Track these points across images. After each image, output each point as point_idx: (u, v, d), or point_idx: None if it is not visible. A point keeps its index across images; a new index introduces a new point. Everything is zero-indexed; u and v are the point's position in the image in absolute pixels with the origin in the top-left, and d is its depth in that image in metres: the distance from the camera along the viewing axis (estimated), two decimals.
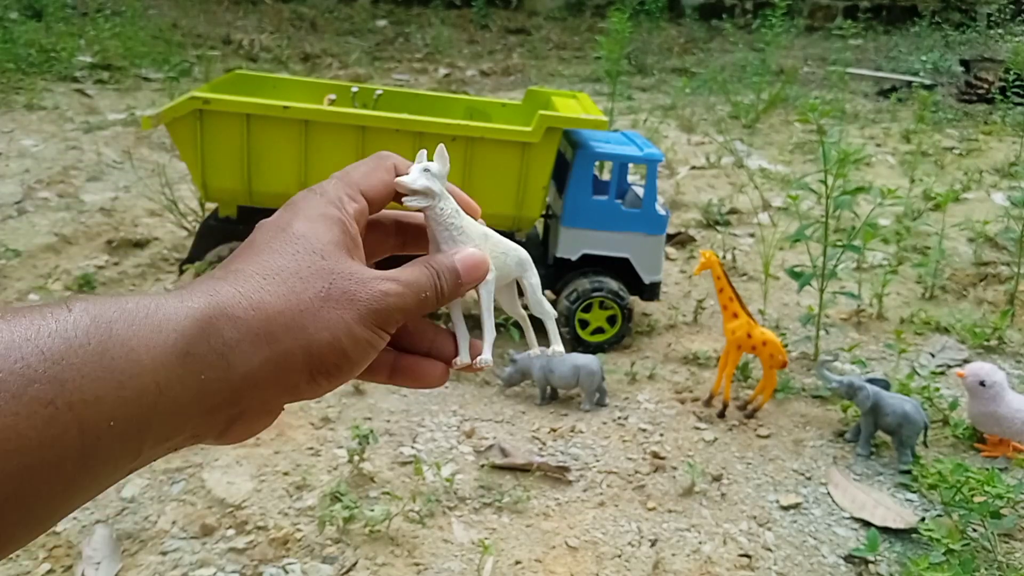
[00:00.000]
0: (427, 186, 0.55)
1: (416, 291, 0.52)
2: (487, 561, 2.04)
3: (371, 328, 0.49)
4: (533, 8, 11.83)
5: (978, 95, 7.87)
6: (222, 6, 10.77)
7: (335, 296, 0.48)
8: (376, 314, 0.49)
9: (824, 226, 3.03)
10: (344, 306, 0.48)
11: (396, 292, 0.50)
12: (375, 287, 0.50)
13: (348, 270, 0.50)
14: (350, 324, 0.48)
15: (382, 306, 0.50)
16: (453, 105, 3.63)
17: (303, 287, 0.48)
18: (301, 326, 0.47)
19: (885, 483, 2.49)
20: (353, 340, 0.49)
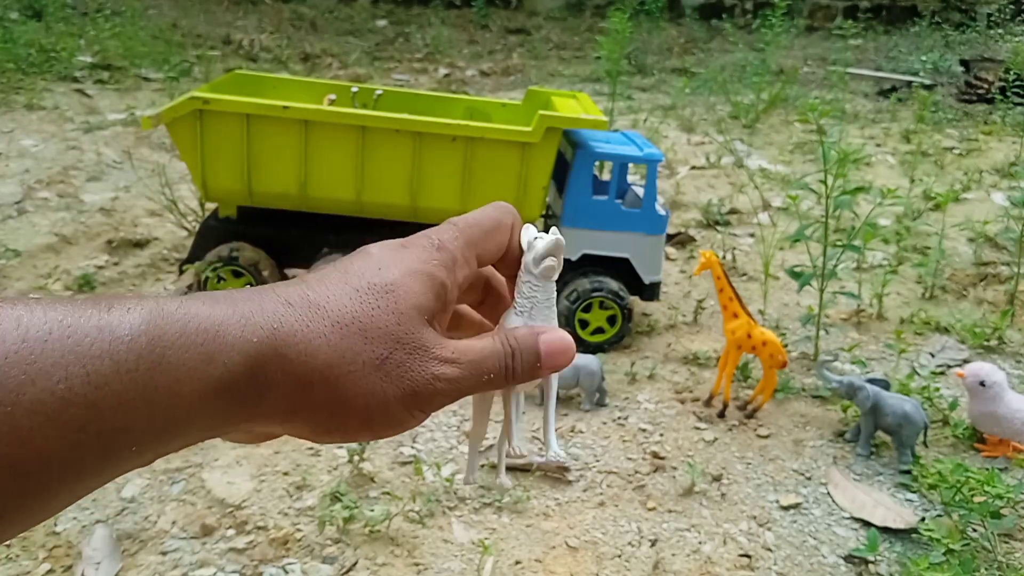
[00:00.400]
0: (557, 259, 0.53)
1: (478, 372, 0.49)
2: (487, 561, 2.04)
3: (409, 409, 0.47)
4: (533, 8, 11.83)
5: (978, 95, 7.87)
6: (222, 6, 10.77)
7: (388, 367, 0.46)
8: (419, 397, 0.47)
9: (824, 226, 3.03)
10: (392, 379, 0.46)
11: (450, 378, 0.48)
12: (429, 370, 0.47)
13: (416, 341, 0.47)
14: (389, 400, 0.46)
15: (428, 391, 0.47)
16: (453, 105, 3.63)
17: (362, 348, 0.46)
18: (342, 387, 0.45)
19: (885, 483, 2.49)
20: (385, 416, 0.47)
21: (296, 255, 3.15)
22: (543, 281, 0.53)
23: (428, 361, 0.47)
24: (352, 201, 3.01)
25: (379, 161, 2.96)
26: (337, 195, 2.99)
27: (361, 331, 0.46)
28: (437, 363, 0.47)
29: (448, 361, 0.48)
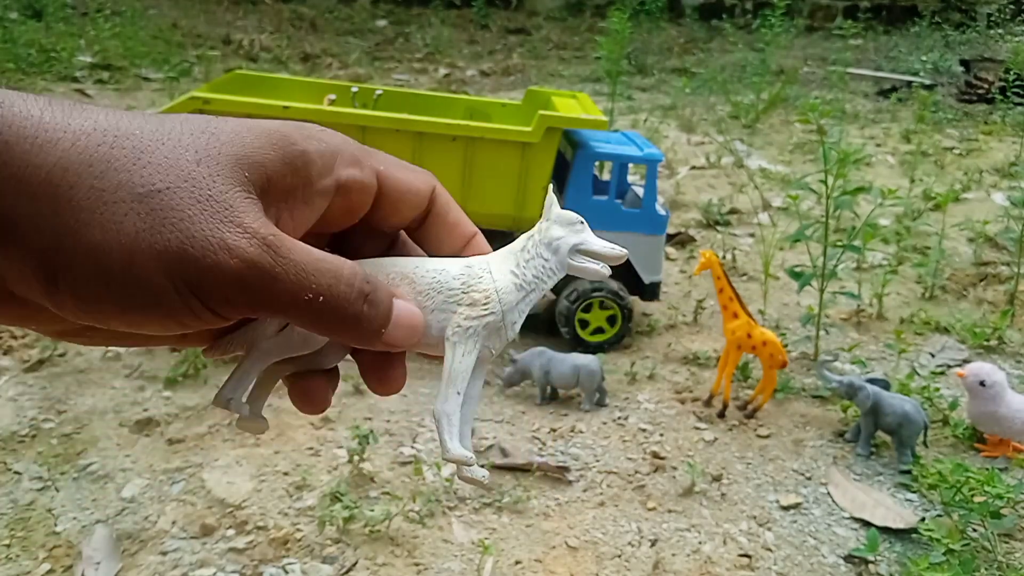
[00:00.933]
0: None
1: (298, 278, 0.35)
2: (487, 561, 2.04)
3: (172, 279, 0.33)
4: (533, 8, 11.83)
5: (978, 95, 7.87)
6: (222, 6, 10.77)
7: (155, 203, 0.32)
8: (189, 266, 0.33)
9: (824, 226, 3.03)
10: (155, 223, 0.32)
11: (246, 259, 0.34)
12: (219, 232, 0.33)
13: (215, 191, 0.34)
14: (141, 250, 0.32)
15: (206, 263, 0.33)
16: (453, 105, 3.63)
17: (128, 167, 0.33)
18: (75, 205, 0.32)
19: (885, 483, 2.49)
20: (130, 274, 0.33)
21: None
22: (563, 273, 0.46)
23: (222, 222, 0.33)
24: None
25: None
26: None
27: (135, 150, 0.33)
28: (234, 230, 0.34)
29: (253, 235, 0.34)
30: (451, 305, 0.45)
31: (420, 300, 0.44)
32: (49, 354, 2.88)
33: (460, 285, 0.45)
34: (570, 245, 0.46)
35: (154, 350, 2.94)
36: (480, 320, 0.44)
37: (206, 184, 0.34)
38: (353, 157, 0.42)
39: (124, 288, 0.33)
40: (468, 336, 0.45)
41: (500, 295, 0.45)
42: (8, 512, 2.15)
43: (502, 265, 0.46)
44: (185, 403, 2.65)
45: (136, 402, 2.65)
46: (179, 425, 2.54)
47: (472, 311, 0.44)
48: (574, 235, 0.47)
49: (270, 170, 0.36)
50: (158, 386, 2.73)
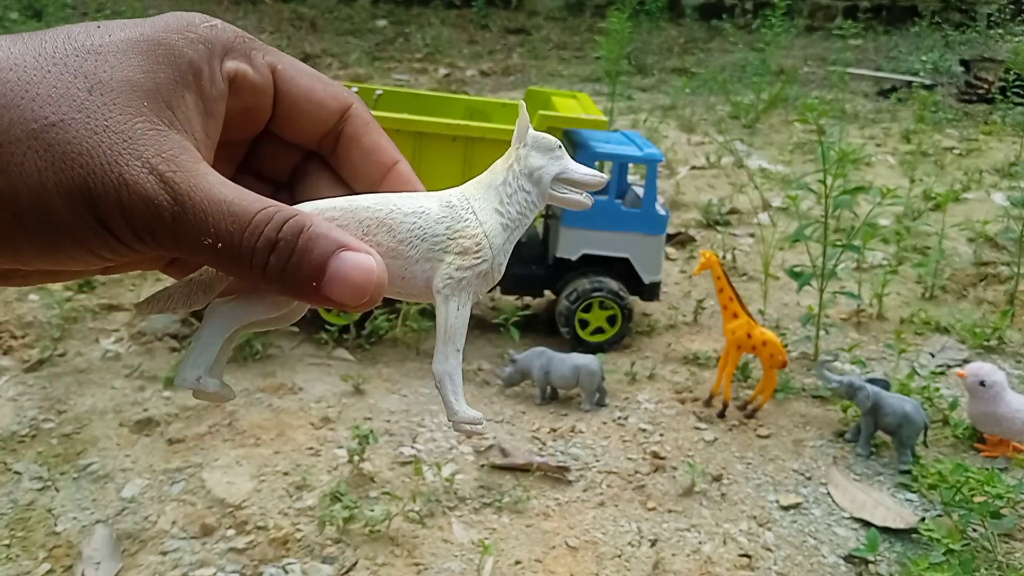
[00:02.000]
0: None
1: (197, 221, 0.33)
2: (487, 561, 2.04)
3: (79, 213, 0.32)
4: (533, 8, 11.83)
5: (978, 95, 7.87)
6: (222, 6, 10.77)
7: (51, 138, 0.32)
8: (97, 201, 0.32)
9: (824, 226, 3.03)
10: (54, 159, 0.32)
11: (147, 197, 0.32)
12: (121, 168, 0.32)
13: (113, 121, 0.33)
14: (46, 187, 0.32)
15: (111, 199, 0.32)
16: (453, 105, 3.63)
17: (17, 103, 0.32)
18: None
19: (885, 483, 2.49)
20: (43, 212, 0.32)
21: None
22: (543, 204, 0.43)
23: (122, 155, 0.32)
24: None
25: None
26: None
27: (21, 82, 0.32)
28: (136, 164, 0.32)
29: (154, 172, 0.33)
30: (438, 253, 0.41)
31: (402, 249, 0.40)
32: (49, 354, 2.88)
33: (445, 230, 0.41)
34: (552, 174, 0.43)
35: (154, 350, 2.94)
36: (473, 270, 0.41)
37: (102, 114, 0.32)
38: (244, 50, 0.39)
39: (37, 227, 0.32)
40: (462, 288, 0.41)
41: (490, 239, 0.41)
42: (8, 512, 2.15)
43: (484, 203, 0.42)
44: (185, 403, 2.65)
45: (136, 402, 2.65)
46: (179, 425, 2.54)
47: (463, 260, 0.41)
48: (554, 163, 0.43)
49: (165, 93, 0.34)
50: (158, 386, 2.73)
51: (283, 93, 0.41)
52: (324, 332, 3.02)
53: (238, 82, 0.38)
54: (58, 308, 3.10)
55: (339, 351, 3.04)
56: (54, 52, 0.33)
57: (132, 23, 0.36)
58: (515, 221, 0.42)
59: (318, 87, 0.42)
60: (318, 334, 3.03)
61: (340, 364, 2.96)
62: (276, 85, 0.41)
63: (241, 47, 0.38)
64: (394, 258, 0.40)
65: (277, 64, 0.40)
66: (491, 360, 3.05)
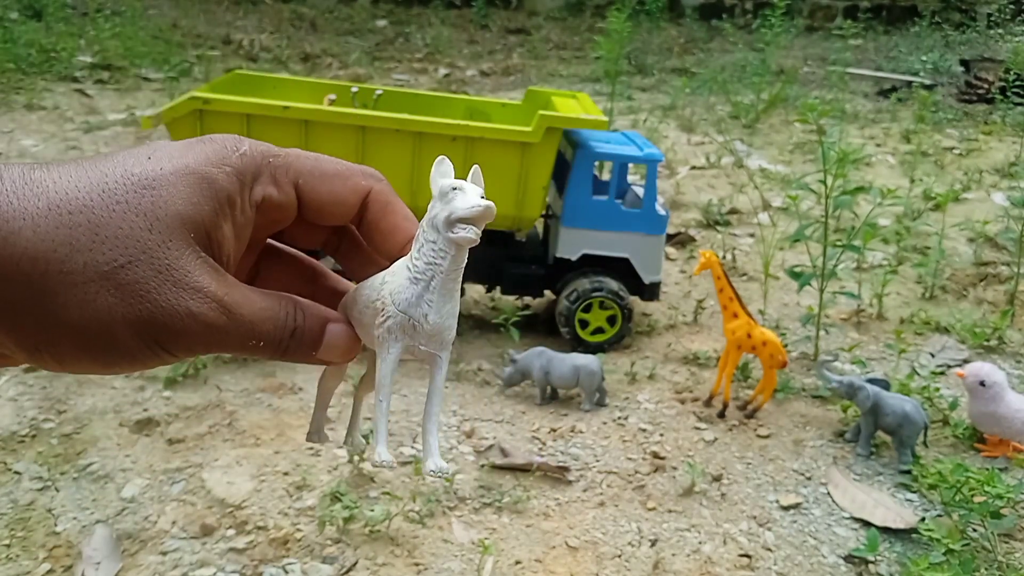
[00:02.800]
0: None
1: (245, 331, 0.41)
2: (487, 561, 2.04)
3: (145, 340, 0.38)
4: (533, 8, 11.83)
5: (978, 95, 7.87)
6: (222, 6, 10.77)
7: (122, 279, 0.37)
8: (160, 330, 0.38)
9: (824, 226, 3.03)
10: (124, 296, 0.37)
11: (207, 323, 0.39)
12: (182, 302, 0.38)
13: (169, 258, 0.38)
14: (115, 321, 0.37)
15: (175, 327, 0.38)
16: (453, 105, 3.63)
17: (89, 246, 0.36)
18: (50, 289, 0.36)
19: (885, 483, 2.49)
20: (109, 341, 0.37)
21: None
22: (453, 249, 0.43)
23: (182, 290, 0.38)
24: None
25: (379, 161, 2.96)
26: None
27: (91, 225, 0.36)
28: (195, 296, 0.38)
29: (211, 300, 0.39)
30: (373, 317, 0.46)
31: (361, 318, 0.47)
32: None
33: (376, 296, 0.46)
34: (443, 219, 0.44)
35: None
36: (382, 326, 0.45)
37: (161, 253, 0.38)
38: (270, 174, 0.44)
39: (103, 352, 0.38)
40: (381, 343, 0.46)
41: (393, 297, 0.45)
42: (8, 512, 2.15)
43: (401, 264, 0.46)
44: (185, 403, 2.65)
45: (136, 402, 2.65)
46: (179, 425, 2.54)
47: (377, 319, 0.46)
48: (446, 206, 0.45)
49: (208, 224, 0.40)
50: (158, 386, 2.73)
51: (306, 203, 0.47)
52: None
53: (264, 204, 0.44)
54: None
55: None
56: (115, 190, 0.38)
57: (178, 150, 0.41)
58: (425, 272, 0.44)
59: (338, 187, 0.47)
60: None
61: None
62: (299, 196, 0.46)
63: (267, 171, 0.44)
64: (361, 326, 0.48)
65: (299, 178, 0.46)
66: (491, 360, 3.05)
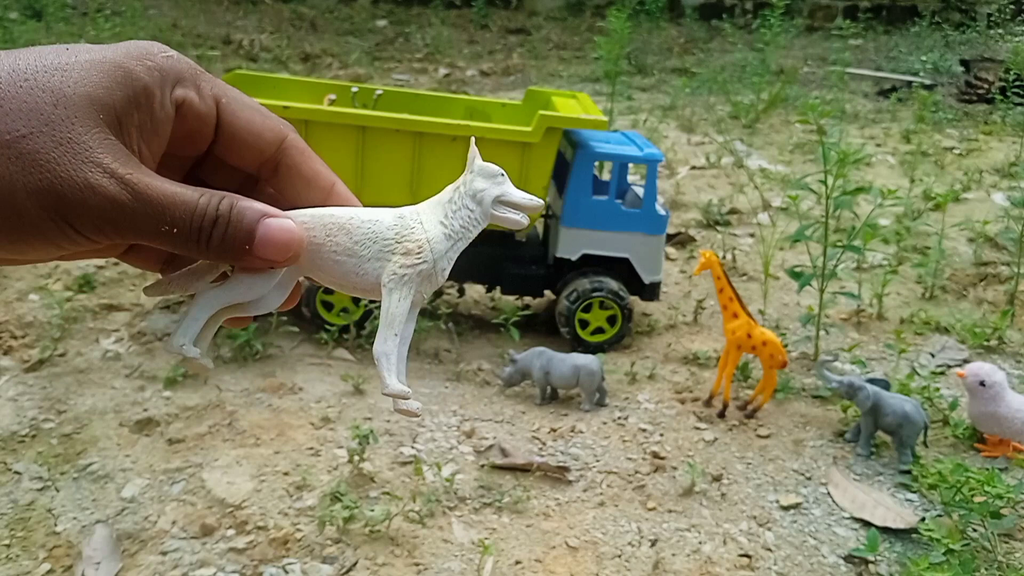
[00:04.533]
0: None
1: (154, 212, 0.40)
2: (487, 561, 2.04)
3: (50, 215, 0.38)
4: (533, 8, 11.83)
5: (978, 95, 7.87)
6: (222, 6, 10.77)
7: (23, 148, 0.37)
8: (64, 203, 0.38)
9: (824, 226, 3.03)
10: (25, 167, 0.37)
11: (109, 196, 0.38)
12: (83, 174, 0.38)
13: (73, 133, 0.38)
14: (16, 191, 0.37)
15: (76, 199, 0.38)
16: (453, 105, 3.63)
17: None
18: None
19: (885, 483, 2.49)
20: (15, 214, 0.38)
21: None
22: (486, 223, 0.50)
23: (82, 162, 0.38)
24: None
25: (379, 161, 2.96)
26: None
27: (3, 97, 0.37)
28: (94, 170, 0.38)
29: (112, 176, 0.39)
30: (386, 254, 0.48)
31: (357, 249, 0.48)
32: (49, 354, 2.88)
33: (394, 235, 0.48)
34: (493, 196, 0.50)
35: (154, 350, 2.95)
36: (414, 268, 0.48)
37: (65, 127, 0.38)
38: (194, 81, 0.45)
39: (7, 222, 0.38)
40: (403, 283, 0.48)
41: (432, 244, 0.48)
42: (8, 512, 2.15)
43: (431, 216, 0.49)
44: (185, 403, 2.65)
45: (136, 402, 2.65)
46: (179, 425, 2.54)
47: (406, 260, 0.48)
48: (496, 187, 0.50)
49: (119, 110, 0.40)
50: (158, 386, 2.73)
51: (225, 123, 0.47)
52: (324, 332, 3.02)
53: (184, 108, 0.44)
54: (58, 308, 3.10)
55: (339, 351, 3.04)
56: (25, 69, 0.39)
57: (98, 47, 0.42)
58: (458, 233, 0.49)
59: (257, 119, 0.48)
60: (318, 334, 3.03)
61: (340, 364, 2.96)
62: (219, 114, 0.47)
63: (192, 78, 0.45)
64: (349, 256, 0.48)
65: (222, 97, 0.47)
66: (491, 360, 3.05)
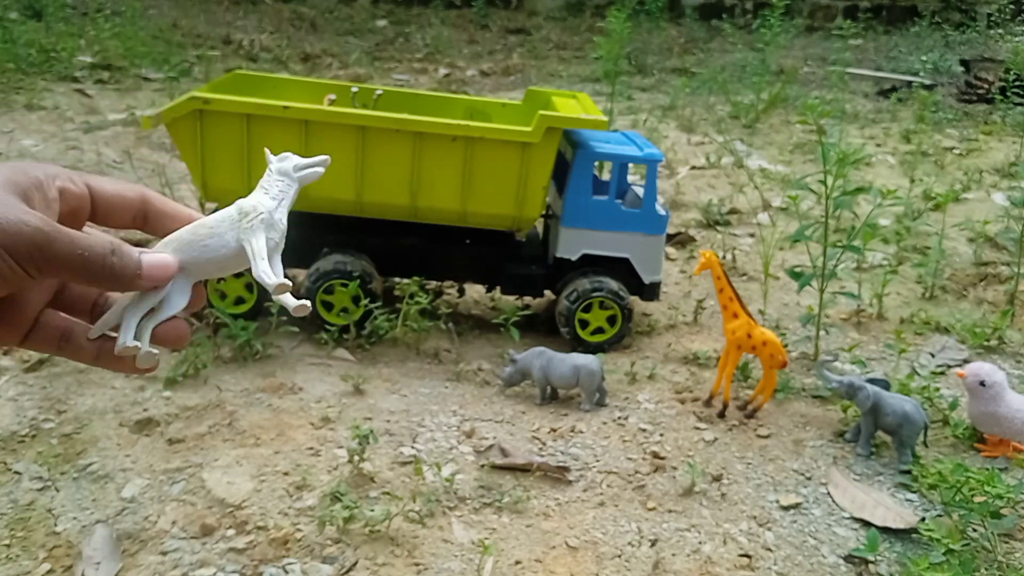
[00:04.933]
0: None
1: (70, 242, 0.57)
2: (487, 561, 2.04)
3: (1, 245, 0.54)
4: (533, 8, 11.83)
5: (978, 95, 7.87)
6: (222, 6, 10.77)
7: None
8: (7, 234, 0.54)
9: (824, 226, 3.03)
10: None
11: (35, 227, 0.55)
12: (17, 214, 0.55)
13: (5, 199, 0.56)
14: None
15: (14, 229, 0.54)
16: (453, 105, 3.63)
17: None
18: None
19: (885, 483, 2.49)
20: None
21: (295, 255, 3.15)
22: (297, 184, 0.69)
23: (16, 209, 0.56)
24: (352, 201, 3.01)
25: (379, 161, 2.96)
26: (337, 195, 2.99)
27: None
28: (26, 214, 0.56)
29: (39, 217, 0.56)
30: (235, 225, 0.66)
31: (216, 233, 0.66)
32: (49, 354, 2.88)
33: (236, 213, 0.67)
34: (291, 166, 0.70)
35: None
36: (257, 218, 0.66)
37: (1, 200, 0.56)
38: (68, 176, 0.63)
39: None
40: (254, 230, 0.66)
41: (261, 204, 0.67)
42: (8, 512, 2.15)
43: (256, 195, 0.68)
44: (185, 403, 2.65)
45: (136, 402, 2.65)
46: (179, 425, 2.54)
47: (249, 216, 0.66)
48: (288, 162, 0.70)
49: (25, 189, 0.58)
50: (158, 386, 2.73)
51: (97, 195, 0.65)
52: (324, 332, 3.02)
53: (65, 192, 0.62)
54: None
55: (339, 351, 3.04)
56: None
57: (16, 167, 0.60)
58: (278, 195, 0.68)
59: (120, 186, 0.67)
60: (318, 334, 3.03)
61: (340, 364, 2.96)
62: (91, 192, 0.65)
63: (65, 174, 0.63)
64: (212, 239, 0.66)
65: (90, 180, 0.65)
66: (491, 360, 3.05)
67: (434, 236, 3.16)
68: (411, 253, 3.19)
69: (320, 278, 3.03)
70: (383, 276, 3.20)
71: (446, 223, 3.11)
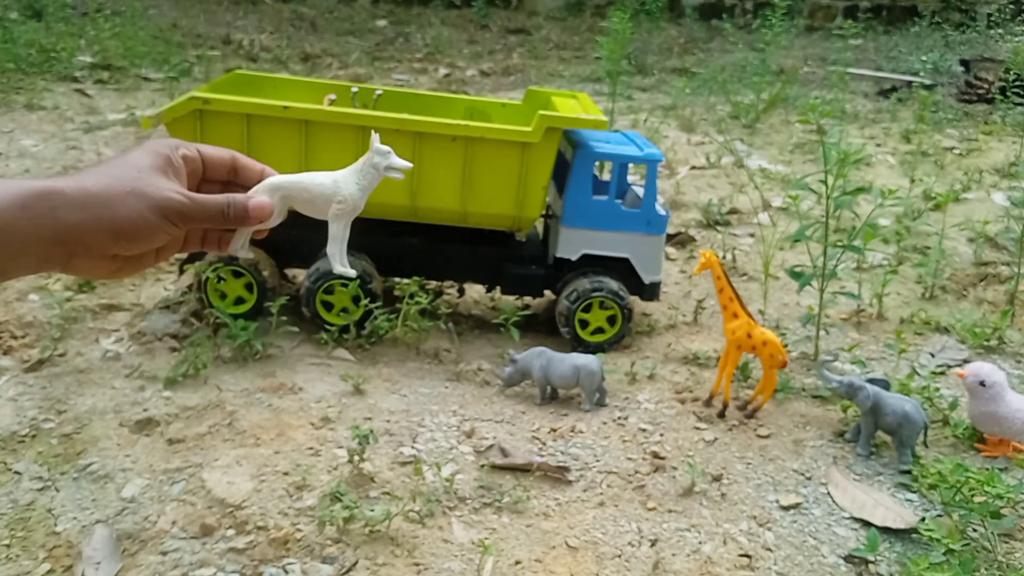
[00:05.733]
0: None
1: (203, 207, 0.80)
2: (487, 561, 2.04)
3: (159, 217, 0.76)
4: (533, 8, 11.83)
5: (978, 95, 7.87)
6: (222, 6, 10.77)
7: (137, 192, 0.75)
8: (161, 208, 0.76)
9: (824, 226, 3.03)
10: (141, 199, 0.75)
11: (179, 200, 0.78)
12: (165, 192, 0.77)
13: (154, 180, 0.78)
14: (143, 210, 0.75)
15: (166, 204, 0.77)
16: (453, 105, 3.63)
17: (117, 184, 0.75)
18: (109, 204, 0.74)
19: (885, 483, 2.49)
20: (144, 221, 0.76)
21: (296, 255, 3.15)
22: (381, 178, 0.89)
23: (164, 188, 0.78)
24: None
25: None
26: None
27: (114, 176, 0.76)
28: (170, 190, 0.78)
29: (179, 192, 0.79)
30: (329, 200, 0.88)
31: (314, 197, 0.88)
32: (49, 354, 2.88)
33: (332, 191, 0.88)
34: (384, 164, 0.88)
35: (154, 350, 2.95)
36: (342, 206, 0.89)
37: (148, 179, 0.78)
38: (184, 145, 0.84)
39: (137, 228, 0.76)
40: (338, 217, 0.89)
41: (351, 195, 0.88)
42: (8, 512, 2.15)
43: (351, 179, 0.89)
44: (185, 403, 2.65)
45: (136, 402, 2.65)
46: (179, 425, 2.54)
47: (339, 206, 0.89)
48: (385, 159, 0.88)
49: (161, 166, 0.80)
50: (158, 386, 2.73)
51: (205, 158, 0.86)
52: (324, 332, 3.02)
53: (186, 158, 0.84)
54: (58, 308, 3.10)
55: (339, 351, 3.04)
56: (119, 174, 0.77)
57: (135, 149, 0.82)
58: (367, 188, 0.89)
59: (218, 151, 0.88)
60: (318, 334, 3.03)
61: (340, 364, 2.96)
62: (201, 156, 0.86)
63: (184, 145, 0.84)
64: (309, 200, 0.88)
65: (200, 147, 0.86)
66: (491, 360, 3.05)
67: (434, 236, 3.16)
68: (411, 253, 3.19)
69: (320, 278, 3.03)
70: (383, 276, 3.20)
71: (446, 223, 3.11)
